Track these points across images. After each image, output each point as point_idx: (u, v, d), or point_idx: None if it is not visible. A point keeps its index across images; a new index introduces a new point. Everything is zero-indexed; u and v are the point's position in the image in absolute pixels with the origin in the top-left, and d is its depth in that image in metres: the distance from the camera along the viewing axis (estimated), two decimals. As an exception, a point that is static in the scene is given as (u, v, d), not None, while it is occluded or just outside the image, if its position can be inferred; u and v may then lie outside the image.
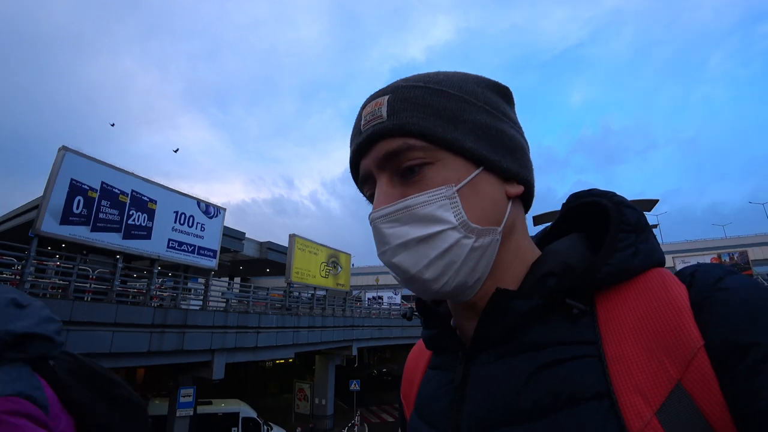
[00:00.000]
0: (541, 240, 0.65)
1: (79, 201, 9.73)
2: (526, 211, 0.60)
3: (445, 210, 0.49)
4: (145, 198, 11.67)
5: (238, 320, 12.96)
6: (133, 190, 11.25)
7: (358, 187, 0.61)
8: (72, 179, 9.60)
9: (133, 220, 11.23)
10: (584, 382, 0.43)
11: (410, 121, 0.51)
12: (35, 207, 18.07)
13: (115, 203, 10.69)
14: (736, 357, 0.38)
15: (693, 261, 31.01)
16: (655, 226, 39.51)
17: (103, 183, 10.37)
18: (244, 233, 21.43)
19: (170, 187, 12.84)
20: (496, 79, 0.60)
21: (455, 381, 0.54)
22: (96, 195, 10.14)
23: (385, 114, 0.52)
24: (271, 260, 23.90)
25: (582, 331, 0.47)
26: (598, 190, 0.57)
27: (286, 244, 18.95)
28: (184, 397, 12.36)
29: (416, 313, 0.65)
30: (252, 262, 25.22)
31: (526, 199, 0.59)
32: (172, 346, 10.82)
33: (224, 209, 14.56)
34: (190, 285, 14.53)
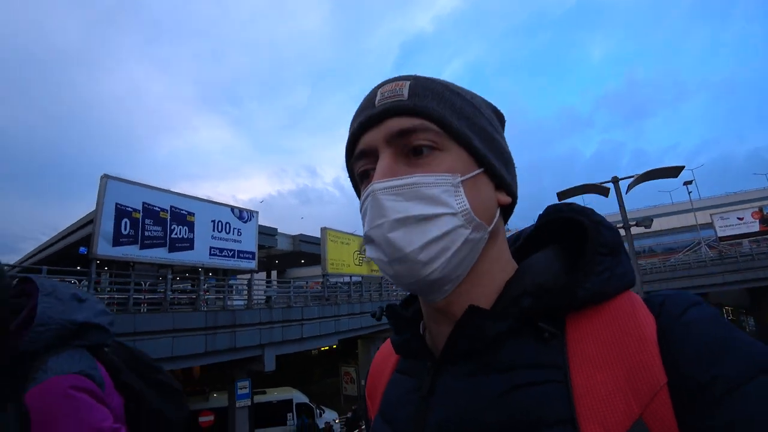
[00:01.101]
0: (519, 250, 0.64)
1: (125, 223, 10.56)
2: (505, 224, 0.61)
3: (449, 195, 0.50)
4: (184, 212, 12.45)
5: (282, 315, 13.77)
6: (171, 206, 12.02)
7: (348, 163, 0.61)
8: (117, 203, 10.41)
9: (176, 233, 12.05)
10: (549, 407, 0.43)
11: (431, 106, 0.52)
12: (81, 227, 19.34)
13: (157, 220, 11.50)
14: (697, 394, 0.39)
15: (733, 217, 29.27)
16: (690, 182, 37.86)
17: (144, 203, 11.18)
18: (276, 229, 22.13)
19: (203, 197, 13.62)
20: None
21: (422, 390, 0.54)
22: (139, 215, 10.97)
23: (406, 94, 0.53)
24: (304, 252, 24.59)
25: (551, 355, 0.47)
26: (577, 206, 0.57)
27: (316, 235, 19.57)
28: (241, 389, 13.28)
29: (385, 315, 0.64)
30: (286, 256, 26.05)
31: (507, 214, 0.60)
32: (225, 345, 11.69)
33: (257, 212, 15.28)
34: (231, 282, 15.37)
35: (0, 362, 0.87)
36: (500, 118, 0.63)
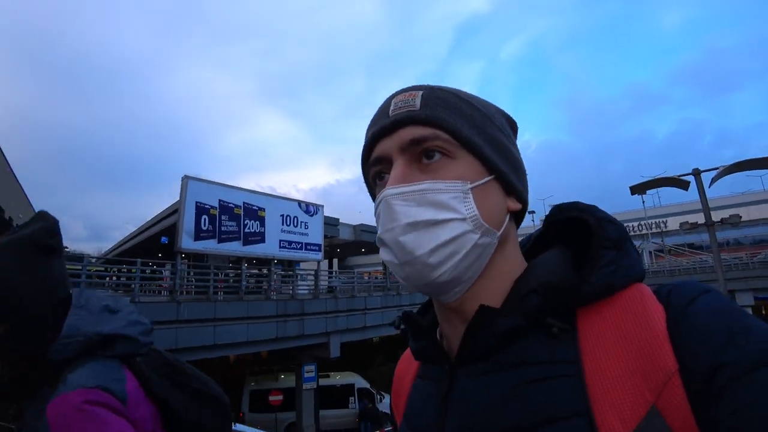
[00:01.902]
0: (529, 250, 0.65)
1: (204, 219, 11.53)
2: (516, 228, 0.62)
3: (458, 201, 0.51)
4: (255, 207, 13.29)
5: (347, 304, 14.41)
6: (244, 202, 12.89)
7: (364, 169, 0.62)
8: (197, 202, 11.38)
9: (249, 228, 12.93)
10: (563, 401, 0.44)
11: (442, 116, 0.54)
12: (162, 219, 21.06)
13: (232, 216, 12.40)
14: (705, 381, 0.39)
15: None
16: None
17: (220, 200, 12.09)
18: (338, 219, 22.80)
19: (272, 193, 14.45)
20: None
21: (441, 393, 0.55)
22: (216, 212, 11.89)
23: (418, 104, 0.55)
24: (365, 241, 25.10)
25: (562, 350, 0.47)
26: (582, 204, 0.58)
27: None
28: (307, 372, 14.04)
29: (403, 322, 0.65)
30: (347, 245, 26.72)
31: (519, 218, 0.61)
32: (294, 332, 12.46)
33: (322, 206, 15.98)
34: (297, 272, 16.23)
35: (41, 371, 0.96)
36: (512, 126, 0.64)
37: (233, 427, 1.33)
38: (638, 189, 8.99)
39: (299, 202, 15.18)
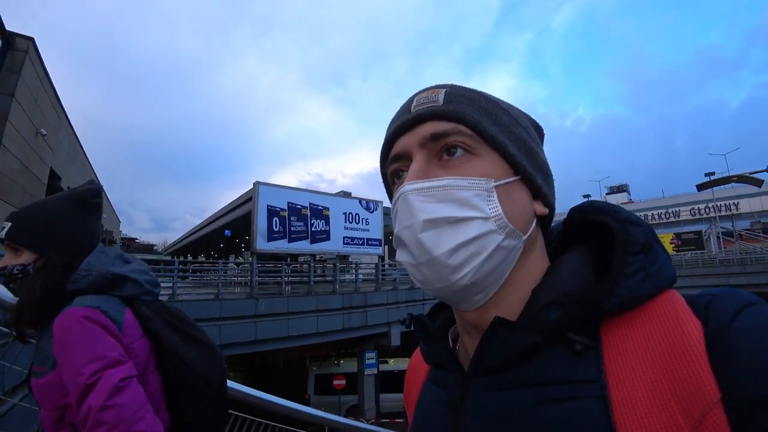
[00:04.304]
0: (550, 253, 0.59)
1: (275, 221, 12.52)
2: (544, 235, 0.58)
3: (481, 200, 0.48)
4: (320, 207, 14.14)
5: (406, 296, 15.08)
6: (310, 203, 13.78)
7: (382, 167, 0.60)
8: (268, 205, 12.38)
9: (315, 227, 13.83)
10: (585, 425, 0.40)
11: (466, 111, 0.52)
12: (224, 214, 22.52)
13: (299, 217, 13.34)
14: (752, 414, 0.34)
15: None
16: None
17: (288, 203, 13.04)
18: (385, 205, 23.35)
19: (335, 193, 15.30)
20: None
21: (453, 403, 0.52)
22: (285, 213, 12.85)
23: (441, 100, 0.53)
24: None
25: (585, 368, 0.43)
26: (601, 204, 0.54)
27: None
28: (368, 359, 14.81)
29: (413, 325, 0.61)
30: (400, 234, 27.30)
31: (546, 224, 0.58)
32: (358, 323, 13.28)
33: (381, 202, 16.60)
34: (356, 262, 17.08)
35: (59, 298, 1.14)
36: (539, 131, 0.61)
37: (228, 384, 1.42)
38: (706, 187, 8.79)
39: (360, 200, 15.93)
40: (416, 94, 0.57)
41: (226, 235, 26.02)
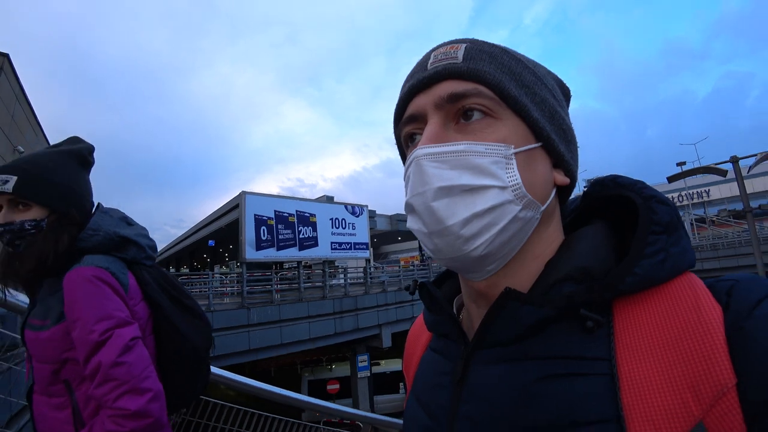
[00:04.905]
0: (568, 225, 0.57)
1: (263, 230, 12.53)
2: (561, 207, 0.55)
3: (500, 167, 0.45)
4: (307, 214, 14.20)
5: (395, 297, 15.25)
6: (297, 210, 13.82)
7: (396, 130, 0.58)
8: (255, 214, 12.38)
9: (303, 234, 13.88)
10: (591, 403, 0.39)
11: (487, 70, 0.48)
12: (207, 224, 22.33)
13: (287, 225, 13.37)
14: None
15: None
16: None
17: (275, 211, 13.06)
18: (375, 211, 23.45)
19: (317, 198, 15.48)
20: None
21: (455, 374, 0.51)
22: (273, 222, 12.88)
23: (461, 57, 0.49)
24: (401, 230, 25.74)
25: (595, 345, 0.42)
26: (625, 179, 0.51)
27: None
28: (361, 362, 14.98)
29: (418, 291, 0.60)
30: (384, 234, 27.59)
31: (565, 194, 0.55)
32: (350, 326, 13.40)
33: (366, 206, 16.74)
34: (342, 266, 17.21)
35: (69, 255, 1.15)
36: (566, 93, 0.58)
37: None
38: (675, 178, 9.20)
39: (346, 205, 16.01)
40: (434, 49, 0.53)
41: (210, 245, 25.81)
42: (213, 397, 2.22)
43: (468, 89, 0.48)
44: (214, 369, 1.96)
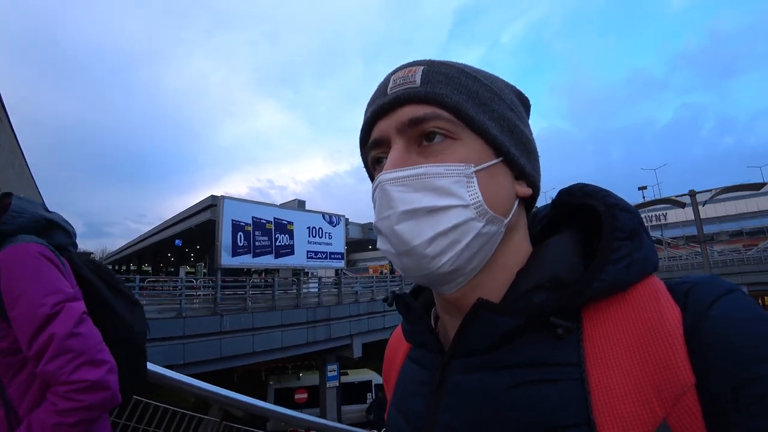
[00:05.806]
0: (536, 235, 0.59)
1: (240, 236, 12.39)
2: (528, 216, 0.58)
3: (460, 186, 0.47)
4: (284, 222, 14.13)
5: (367, 308, 15.35)
6: (275, 218, 13.73)
7: (363, 153, 0.59)
8: (233, 220, 12.22)
9: (279, 242, 13.80)
10: (563, 409, 0.41)
11: (444, 92, 0.50)
12: (175, 223, 21.76)
13: (264, 231, 13.26)
14: (726, 398, 0.35)
15: None
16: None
17: (253, 217, 12.93)
18: (348, 219, 23.52)
19: (289, 201, 15.46)
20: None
21: (433, 383, 0.52)
22: (250, 228, 12.75)
23: (418, 81, 0.51)
24: (372, 239, 25.83)
25: (566, 351, 0.44)
26: (591, 188, 0.53)
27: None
28: (330, 372, 14.88)
29: (395, 303, 0.60)
30: (356, 243, 27.63)
31: (529, 204, 0.57)
32: (322, 336, 13.37)
33: (343, 216, 16.80)
34: (315, 275, 17.17)
35: None
36: (525, 103, 0.59)
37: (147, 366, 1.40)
38: (639, 208, 9.66)
39: (323, 214, 16.02)
40: (393, 73, 0.54)
41: (177, 245, 25.17)
42: (168, 403, 2.10)
43: (427, 113, 0.49)
44: (172, 373, 1.90)
